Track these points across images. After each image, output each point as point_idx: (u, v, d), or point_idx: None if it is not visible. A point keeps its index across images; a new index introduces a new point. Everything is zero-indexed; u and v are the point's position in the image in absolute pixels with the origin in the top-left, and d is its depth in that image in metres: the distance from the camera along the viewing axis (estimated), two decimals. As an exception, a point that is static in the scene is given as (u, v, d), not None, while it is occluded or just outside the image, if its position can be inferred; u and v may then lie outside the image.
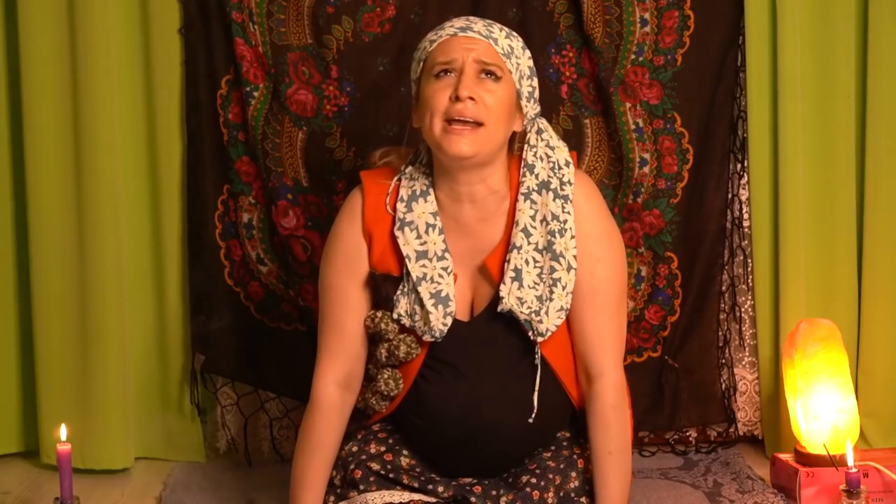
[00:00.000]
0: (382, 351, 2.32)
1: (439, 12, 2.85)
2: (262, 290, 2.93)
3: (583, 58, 2.88)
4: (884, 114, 2.89)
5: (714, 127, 2.90)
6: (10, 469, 2.99)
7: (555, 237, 2.29)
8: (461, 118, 2.22)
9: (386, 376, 2.33)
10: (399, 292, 2.31)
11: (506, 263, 2.29)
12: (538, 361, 2.30)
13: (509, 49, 2.28)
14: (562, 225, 2.30)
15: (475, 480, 2.32)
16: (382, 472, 2.32)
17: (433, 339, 2.29)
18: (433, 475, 2.34)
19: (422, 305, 2.29)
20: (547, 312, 2.28)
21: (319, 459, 2.34)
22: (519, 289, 2.27)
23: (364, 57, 2.87)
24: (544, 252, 2.29)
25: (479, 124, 2.23)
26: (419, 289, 2.29)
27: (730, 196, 2.92)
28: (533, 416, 2.29)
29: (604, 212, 2.36)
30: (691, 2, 2.86)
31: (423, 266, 2.30)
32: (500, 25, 2.31)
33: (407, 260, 2.30)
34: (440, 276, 2.30)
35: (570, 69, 2.89)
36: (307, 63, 2.87)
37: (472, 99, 2.22)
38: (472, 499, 2.27)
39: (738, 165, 2.91)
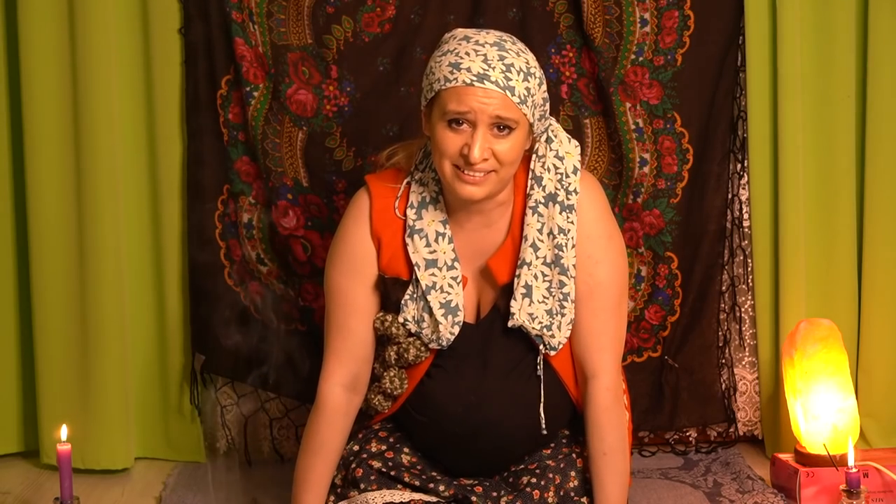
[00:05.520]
0: (391, 353, 2.32)
1: (439, 12, 2.85)
2: (262, 290, 2.93)
3: (583, 58, 2.88)
4: (884, 114, 2.89)
5: (714, 127, 2.89)
6: (10, 469, 2.99)
7: (562, 251, 2.29)
8: (472, 172, 2.21)
9: (391, 375, 2.33)
10: (408, 297, 2.31)
11: (516, 279, 2.28)
12: (541, 373, 2.30)
13: (525, 93, 2.19)
14: (566, 237, 2.29)
15: (476, 481, 2.33)
16: (384, 469, 2.32)
17: (440, 347, 2.29)
18: (434, 473, 2.35)
19: (430, 314, 2.29)
20: (559, 327, 2.29)
21: (322, 461, 2.33)
22: (530, 304, 2.27)
23: (364, 57, 2.87)
24: (552, 266, 2.29)
25: (491, 171, 2.22)
26: (429, 298, 2.28)
27: (730, 196, 2.92)
28: (543, 428, 2.30)
29: (606, 213, 2.35)
30: (691, 2, 2.86)
31: (433, 275, 2.30)
32: (518, 64, 2.19)
33: (416, 268, 2.30)
34: (450, 285, 2.30)
35: (570, 69, 2.89)
36: (307, 63, 2.87)
37: (483, 159, 2.20)
38: (473, 498, 2.27)
39: (738, 165, 2.91)
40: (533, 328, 2.27)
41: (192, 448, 2.98)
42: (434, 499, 2.29)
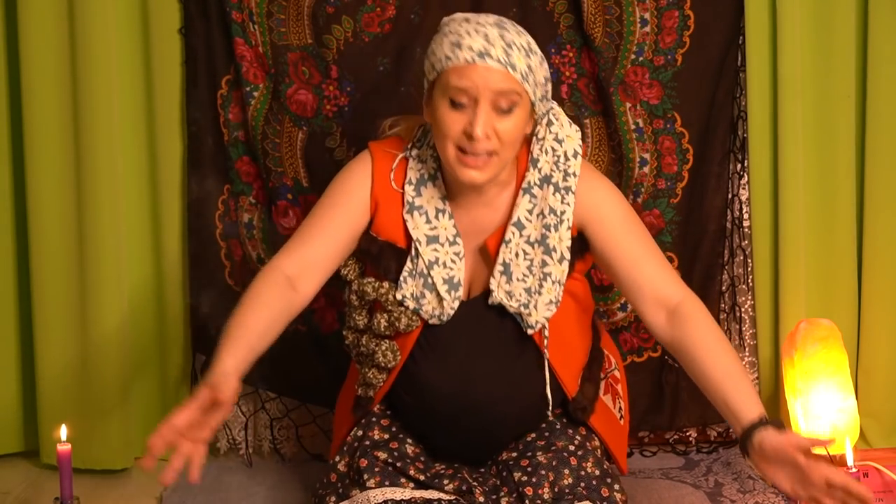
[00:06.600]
0: (382, 321, 2.34)
1: (439, 12, 2.84)
2: (262, 290, 2.93)
3: (583, 58, 2.88)
4: (884, 114, 2.89)
5: (714, 127, 2.90)
6: (10, 469, 2.99)
7: (549, 231, 2.31)
8: (475, 153, 2.22)
9: (384, 348, 2.34)
10: (406, 273, 2.33)
11: (497, 257, 2.31)
12: (545, 350, 2.32)
13: (527, 70, 2.22)
14: (558, 218, 2.31)
15: (476, 483, 2.33)
16: (390, 459, 2.33)
17: (439, 322, 2.31)
18: (439, 467, 2.35)
19: (431, 290, 2.30)
20: (536, 306, 2.30)
21: (252, 312, 2.24)
22: (507, 282, 2.30)
23: (364, 57, 2.87)
24: (536, 245, 2.31)
25: (492, 154, 2.24)
26: (432, 273, 2.31)
27: (730, 196, 2.92)
28: (549, 411, 2.33)
29: (611, 186, 2.40)
30: (691, 2, 2.86)
31: (435, 250, 2.32)
32: (519, 42, 2.22)
33: (417, 244, 2.32)
34: (452, 261, 2.32)
35: (570, 69, 2.89)
36: (307, 63, 2.87)
37: (486, 136, 2.21)
38: (477, 492, 2.28)
39: (738, 165, 2.91)
40: (510, 306, 2.29)
41: (192, 448, 2.98)
42: (436, 496, 2.29)
